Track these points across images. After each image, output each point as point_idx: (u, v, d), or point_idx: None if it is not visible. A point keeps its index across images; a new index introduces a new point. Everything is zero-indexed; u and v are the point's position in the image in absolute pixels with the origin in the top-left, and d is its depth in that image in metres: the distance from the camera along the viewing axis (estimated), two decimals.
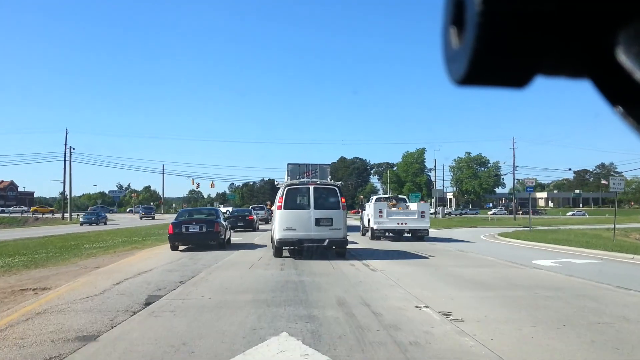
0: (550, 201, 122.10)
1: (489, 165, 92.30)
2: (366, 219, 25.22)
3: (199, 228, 17.27)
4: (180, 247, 17.39)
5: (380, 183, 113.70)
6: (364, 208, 26.97)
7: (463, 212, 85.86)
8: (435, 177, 76.92)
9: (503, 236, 26.99)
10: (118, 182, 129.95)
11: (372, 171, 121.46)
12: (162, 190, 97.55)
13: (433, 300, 7.69)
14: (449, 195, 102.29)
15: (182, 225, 17.38)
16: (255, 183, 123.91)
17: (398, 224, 22.91)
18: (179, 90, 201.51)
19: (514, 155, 70.71)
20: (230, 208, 43.23)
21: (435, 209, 68.01)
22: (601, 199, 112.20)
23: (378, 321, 6.26)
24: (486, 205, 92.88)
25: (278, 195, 14.85)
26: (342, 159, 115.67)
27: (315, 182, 15.05)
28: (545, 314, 6.79)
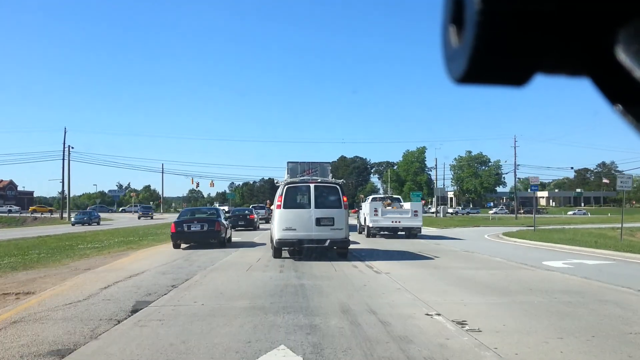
0: (551, 200, 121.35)
1: (490, 164, 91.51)
2: (362, 218, 26.09)
3: (200, 227, 17.70)
4: (183, 245, 17.76)
5: (380, 182, 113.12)
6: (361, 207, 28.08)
7: (469, 212, 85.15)
8: (436, 176, 76.11)
9: (508, 236, 26.42)
10: (118, 182, 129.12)
11: (373, 170, 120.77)
12: (162, 190, 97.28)
13: (444, 307, 7.10)
14: (450, 194, 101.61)
15: (184, 224, 17.83)
16: (255, 182, 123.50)
17: (392, 222, 23.69)
18: (179, 90, 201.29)
19: (515, 154, 69.86)
20: (226, 207, 42.80)
21: (437, 208, 67.16)
22: (602, 198, 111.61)
23: (387, 332, 5.67)
24: (487, 204, 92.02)
25: (277, 194, 14.24)
26: (343, 158, 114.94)
27: (315, 180, 14.38)
28: (570, 323, 6.18)
